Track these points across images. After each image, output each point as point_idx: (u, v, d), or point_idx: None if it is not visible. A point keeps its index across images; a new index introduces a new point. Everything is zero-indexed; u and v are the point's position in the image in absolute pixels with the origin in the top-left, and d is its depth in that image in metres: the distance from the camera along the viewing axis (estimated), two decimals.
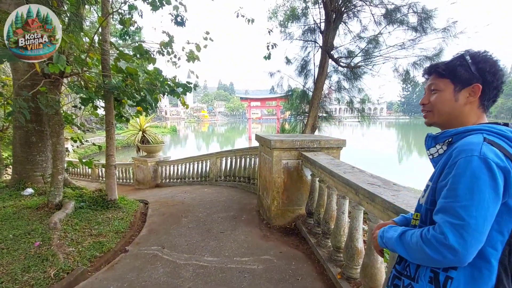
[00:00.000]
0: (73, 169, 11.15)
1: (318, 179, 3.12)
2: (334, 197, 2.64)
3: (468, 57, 0.89)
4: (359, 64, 6.70)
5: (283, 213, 3.67)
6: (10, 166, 6.83)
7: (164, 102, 73.24)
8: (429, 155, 0.98)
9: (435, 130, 1.03)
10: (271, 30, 7.63)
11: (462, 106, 0.91)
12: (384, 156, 22.98)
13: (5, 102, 3.43)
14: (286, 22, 7.67)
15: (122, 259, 2.93)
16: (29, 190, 5.13)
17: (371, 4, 6.47)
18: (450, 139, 0.90)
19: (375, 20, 6.46)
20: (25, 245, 2.99)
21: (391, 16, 6.05)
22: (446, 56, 5.73)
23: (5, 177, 7.92)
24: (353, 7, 6.76)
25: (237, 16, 7.14)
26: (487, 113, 0.93)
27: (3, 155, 8.47)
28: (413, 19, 5.71)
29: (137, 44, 4.46)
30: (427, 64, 5.87)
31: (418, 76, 6.23)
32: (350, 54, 7.08)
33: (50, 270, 2.56)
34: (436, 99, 0.96)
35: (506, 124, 0.85)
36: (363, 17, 6.83)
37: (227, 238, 3.35)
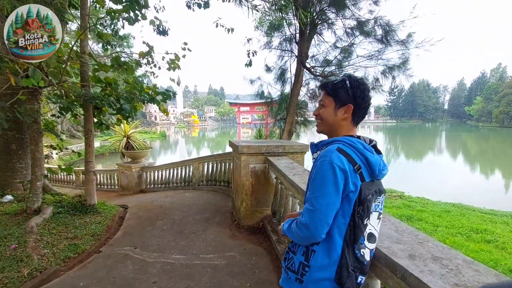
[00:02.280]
0: (56, 176, 11.12)
1: (279, 181, 3.40)
2: (290, 197, 2.91)
3: (347, 82, 1.12)
4: (332, 72, 7.09)
5: (251, 213, 3.92)
6: None
7: (154, 107, 72.65)
8: (312, 159, 1.26)
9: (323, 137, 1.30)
10: (250, 39, 7.96)
11: (340, 121, 1.15)
12: None
13: None
14: (271, 32, 8.03)
15: (94, 259, 3.12)
16: (8, 197, 5.22)
17: (343, 17, 6.90)
18: (324, 147, 1.17)
19: (346, 32, 6.90)
20: (1, 248, 3.14)
21: (361, 28, 6.48)
22: (412, 65, 6.19)
23: None
24: (327, 19, 7.18)
25: (217, 26, 7.44)
26: (357, 125, 1.20)
27: None
28: (379, 32, 6.15)
29: (114, 55, 4.67)
30: (395, 73, 6.31)
31: (387, 84, 6.67)
32: (326, 63, 7.49)
33: (24, 270, 2.73)
34: (323, 112, 1.19)
35: (358, 137, 1.13)
36: (336, 28, 7.27)
37: (197, 238, 3.58)
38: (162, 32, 7.39)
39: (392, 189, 11.61)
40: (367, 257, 1.07)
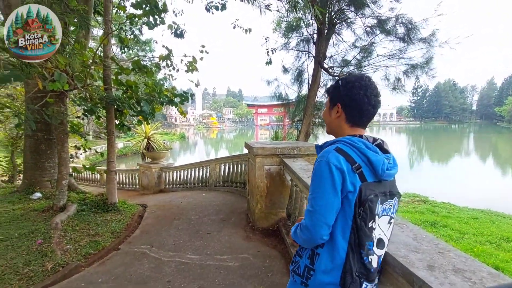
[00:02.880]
0: (82, 175, 11.67)
1: (294, 183, 3.35)
2: (304, 199, 2.86)
3: (340, 82, 1.11)
4: (350, 72, 6.92)
5: (266, 215, 3.89)
6: None
7: (174, 109, 74.47)
8: None
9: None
10: (268, 37, 7.95)
11: (334, 120, 1.14)
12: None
13: (15, 114, 3.82)
14: (288, 33, 7.98)
15: (113, 256, 3.22)
16: (37, 194, 5.52)
17: (363, 15, 6.72)
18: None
19: (366, 31, 6.71)
20: (28, 243, 3.32)
21: (381, 26, 6.28)
22: (435, 64, 5.91)
23: (18, 182, 8.43)
24: (346, 18, 7.03)
25: (234, 27, 7.50)
26: (361, 125, 1.13)
27: (16, 161, 9.03)
28: (401, 30, 5.92)
29: (135, 59, 4.83)
30: (417, 73, 6.06)
31: (409, 84, 6.41)
32: (344, 63, 7.32)
33: (48, 264, 2.87)
34: (323, 114, 1.22)
35: (360, 136, 1.08)
36: (356, 27, 7.10)
37: (212, 239, 3.60)
38: (179, 35, 7.58)
39: (415, 194, 11.15)
40: (374, 264, 1.01)
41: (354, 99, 1.07)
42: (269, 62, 7.61)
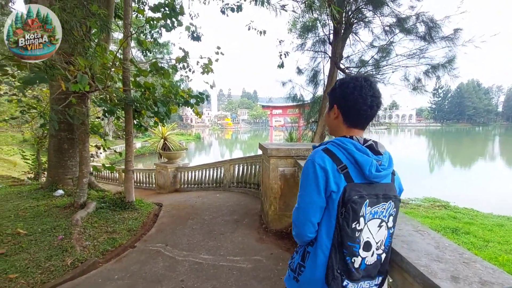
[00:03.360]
0: (102, 173, 12.08)
1: None
2: None
3: (337, 83, 1.12)
4: (368, 73, 6.76)
5: (280, 217, 3.86)
6: None
7: (190, 110, 75.76)
8: None
9: None
10: (282, 41, 7.91)
11: (333, 121, 1.15)
12: (413, 165, 21.99)
13: (40, 115, 4.00)
14: (304, 33, 7.92)
15: (129, 254, 3.29)
16: (60, 192, 5.76)
17: (381, 14, 6.55)
18: None
19: (385, 30, 6.53)
20: (50, 238, 3.46)
21: (401, 25, 6.09)
22: (458, 63, 5.66)
23: (43, 179, 8.84)
24: (363, 17, 6.88)
25: (249, 29, 7.53)
26: (359, 126, 1.11)
27: (41, 159, 9.46)
28: (421, 29, 5.72)
29: (153, 61, 4.94)
30: (439, 73, 5.83)
31: (430, 84, 6.17)
32: (361, 63, 7.16)
33: (67, 259, 2.97)
34: (324, 115, 1.24)
35: (351, 137, 1.07)
36: (374, 26, 6.93)
37: (225, 239, 3.61)
38: (196, 38, 7.70)
39: (435, 198, 10.74)
40: (357, 265, 1.01)
41: (348, 99, 1.07)
42: (281, 66, 7.57)
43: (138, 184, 11.13)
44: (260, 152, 4.77)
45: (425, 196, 11.17)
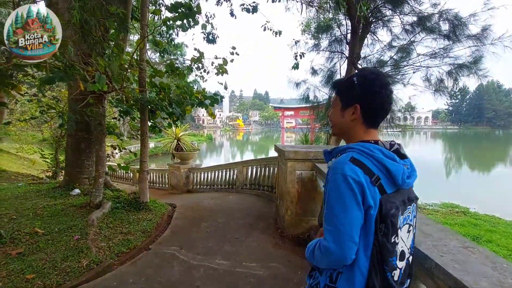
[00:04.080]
0: (116, 173, 12.26)
1: None
2: None
3: (355, 79, 0.99)
4: (388, 73, 6.53)
5: (296, 223, 3.73)
6: None
7: (202, 111, 76.64)
8: (327, 168, 1.09)
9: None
10: (298, 41, 7.81)
11: (348, 122, 1.02)
12: (430, 169, 21.30)
13: (59, 115, 4.05)
14: (318, 34, 7.78)
15: (144, 256, 3.25)
16: (76, 191, 5.83)
17: (401, 13, 6.34)
18: (339, 154, 1.00)
19: (405, 29, 6.31)
20: (67, 238, 3.46)
21: (423, 24, 5.86)
22: (485, 64, 5.36)
23: (60, 178, 9.04)
24: (382, 17, 6.68)
25: (264, 30, 7.46)
26: (375, 127, 1.03)
27: (59, 158, 9.69)
28: (445, 27, 5.47)
29: (169, 62, 4.93)
30: (463, 73, 5.55)
31: (453, 86, 5.87)
32: (380, 64, 6.95)
33: (83, 261, 2.96)
34: (331, 113, 1.09)
35: (376, 142, 0.96)
36: (393, 26, 6.71)
37: (241, 244, 3.52)
38: (211, 40, 7.69)
39: (453, 204, 10.32)
40: (396, 277, 0.94)
41: (376, 98, 0.95)
42: (295, 67, 7.46)
43: (151, 184, 11.23)
44: (271, 154, 4.67)
45: (443, 201, 10.77)
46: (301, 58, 7.42)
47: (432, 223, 1.43)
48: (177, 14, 3.84)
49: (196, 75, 6.22)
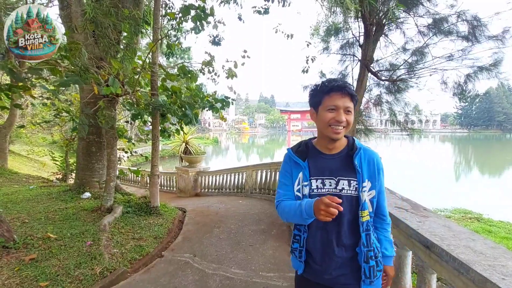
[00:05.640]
0: (124, 176, 12.29)
1: None
2: None
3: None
4: (402, 77, 6.39)
5: None
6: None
7: (208, 114, 76.98)
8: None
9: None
10: (309, 43, 7.71)
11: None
12: (441, 173, 20.87)
13: (71, 119, 4.03)
14: (327, 37, 7.68)
15: (157, 264, 3.17)
16: (87, 194, 5.81)
17: (416, 14, 6.20)
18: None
19: (420, 31, 6.16)
20: (79, 244, 3.41)
21: (439, 25, 5.71)
22: (505, 67, 5.18)
23: (70, 181, 9.08)
24: (395, 18, 6.54)
25: (276, 32, 7.40)
26: None
27: (69, 161, 9.75)
28: (462, 28, 5.31)
29: (180, 65, 4.89)
30: (482, 76, 5.38)
31: (474, 89, 5.66)
32: (392, 67, 6.80)
33: (96, 268, 2.89)
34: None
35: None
36: (406, 28, 6.57)
37: (255, 252, 3.42)
38: (216, 43, 7.67)
39: (466, 210, 10.05)
40: None
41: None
42: (306, 71, 7.37)
43: (160, 187, 11.18)
44: (277, 159, 4.56)
45: (455, 207, 10.50)
46: (312, 61, 7.33)
47: (479, 238, 1.31)
48: (191, 16, 3.79)
49: (208, 78, 6.17)
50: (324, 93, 1.19)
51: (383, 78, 6.44)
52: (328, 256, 1.20)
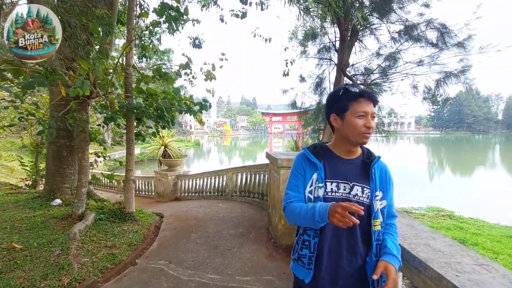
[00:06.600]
0: (98, 181, 11.81)
1: None
2: None
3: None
4: (376, 81, 6.63)
5: (290, 232, 3.64)
6: None
7: (189, 117, 75.83)
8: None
9: None
10: (287, 48, 7.83)
11: None
12: (415, 173, 21.78)
13: (38, 122, 3.82)
14: (305, 42, 7.82)
15: (130, 272, 3.06)
16: (58, 201, 5.52)
17: (388, 21, 6.46)
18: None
19: (392, 38, 6.43)
20: (46, 254, 3.23)
21: (409, 33, 5.99)
22: (474, 74, 5.50)
23: (41, 187, 8.58)
24: (369, 25, 6.79)
25: (254, 36, 7.44)
26: None
27: (40, 166, 9.22)
28: (431, 35, 5.60)
29: (157, 66, 4.79)
30: (451, 81, 5.67)
31: (444, 93, 5.94)
32: (367, 71, 7.04)
33: (64, 279, 2.74)
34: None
35: None
36: (380, 34, 6.83)
37: (233, 256, 3.39)
38: (197, 45, 7.60)
39: (439, 208, 10.54)
40: None
41: None
42: (286, 74, 7.48)
43: (137, 192, 10.86)
44: (259, 159, 4.58)
45: (429, 205, 10.97)
46: (291, 64, 7.44)
47: (439, 236, 1.37)
48: (165, 17, 3.73)
49: (185, 79, 6.09)
50: (351, 99, 1.17)
51: (358, 82, 6.64)
52: (337, 264, 1.17)
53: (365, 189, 1.17)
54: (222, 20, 7.57)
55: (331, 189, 1.17)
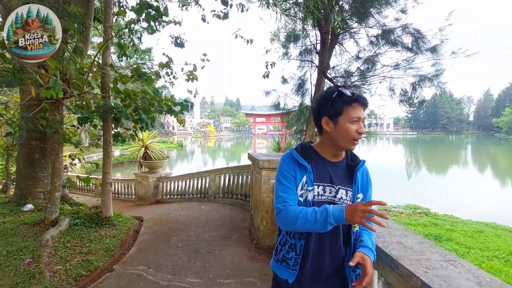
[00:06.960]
0: (76, 185, 11.32)
1: None
2: None
3: None
4: (355, 83, 6.80)
5: (272, 233, 3.65)
6: None
7: (172, 118, 74.53)
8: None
9: None
10: (268, 50, 7.88)
11: None
12: (393, 172, 22.53)
13: (6, 122, 3.61)
14: (287, 44, 7.89)
15: (107, 279, 2.95)
16: (29, 206, 5.24)
17: (367, 25, 6.65)
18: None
19: (371, 41, 6.63)
20: (16, 262, 3.05)
21: (386, 37, 6.20)
22: (446, 77, 5.79)
23: (11, 192, 8.10)
24: (348, 28, 6.96)
25: (236, 37, 7.42)
26: None
27: (11, 170, 8.71)
28: (407, 39, 5.84)
29: (135, 66, 4.66)
30: (426, 84, 5.92)
31: (420, 95, 6.19)
32: (347, 74, 7.22)
33: None
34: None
35: None
36: (359, 38, 7.02)
37: (214, 259, 3.35)
38: (179, 44, 7.48)
39: (416, 205, 10.95)
40: None
41: None
42: (266, 76, 7.51)
43: (116, 195, 10.51)
44: (243, 160, 4.58)
45: (406, 203, 11.37)
46: (272, 67, 7.48)
47: (411, 234, 1.42)
48: (144, 16, 3.64)
49: (166, 81, 5.97)
50: (346, 104, 1.13)
51: (339, 84, 6.78)
52: (319, 265, 1.18)
53: (348, 191, 1.19)
54: (204, 20, 7.50)
55: (318, 192, 1.17)
